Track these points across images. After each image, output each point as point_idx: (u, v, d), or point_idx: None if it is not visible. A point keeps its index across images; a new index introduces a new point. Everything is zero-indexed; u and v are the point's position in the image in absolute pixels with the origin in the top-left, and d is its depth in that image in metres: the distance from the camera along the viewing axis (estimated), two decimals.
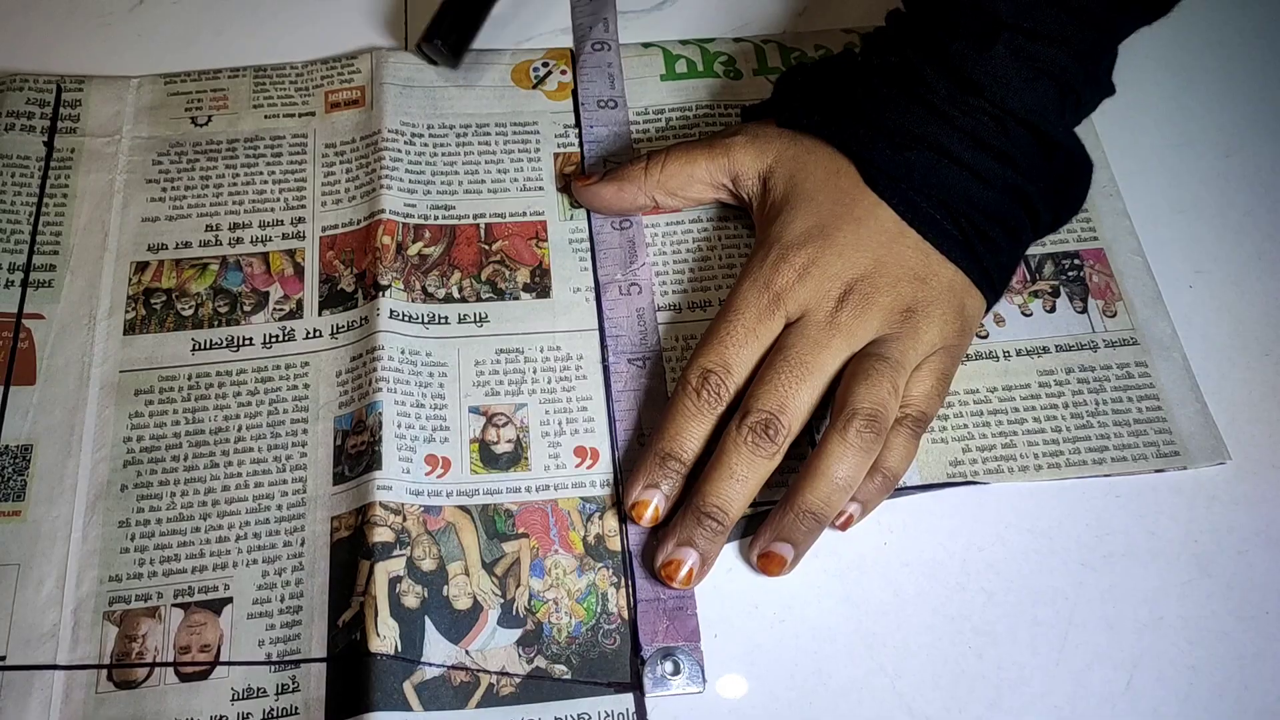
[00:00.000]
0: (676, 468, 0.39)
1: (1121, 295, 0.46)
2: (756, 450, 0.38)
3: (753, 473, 0.38)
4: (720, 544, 0.39)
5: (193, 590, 0.39)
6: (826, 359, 0.39)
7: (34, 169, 0.47)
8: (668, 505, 0.40)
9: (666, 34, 0.53)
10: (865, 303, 0.39)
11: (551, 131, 0.50)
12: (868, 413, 0.38)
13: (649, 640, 0.39)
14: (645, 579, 0.40)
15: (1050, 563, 0.40)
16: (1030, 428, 0.43)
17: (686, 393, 0.40)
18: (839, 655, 0.39)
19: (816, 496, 0.38)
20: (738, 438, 0.38)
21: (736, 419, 0.39)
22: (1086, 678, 0.38)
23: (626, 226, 0.47)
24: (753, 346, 0.40)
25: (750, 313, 0.40)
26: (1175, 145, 0.50)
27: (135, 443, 0.42)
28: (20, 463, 0.41)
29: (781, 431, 0.38)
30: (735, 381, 0.40)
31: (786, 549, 0.39)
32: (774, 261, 0.40)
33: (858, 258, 0.40)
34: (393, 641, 0.38)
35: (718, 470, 0.38)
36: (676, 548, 0.39)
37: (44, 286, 0.45)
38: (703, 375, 0.39)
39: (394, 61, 0.51)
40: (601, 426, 0.43)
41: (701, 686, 0.38)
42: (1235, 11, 0.54)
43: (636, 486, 0.40)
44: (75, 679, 0.38)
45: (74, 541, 0.40)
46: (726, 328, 0.40)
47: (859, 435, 0.38)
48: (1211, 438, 0.43)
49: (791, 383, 0.38)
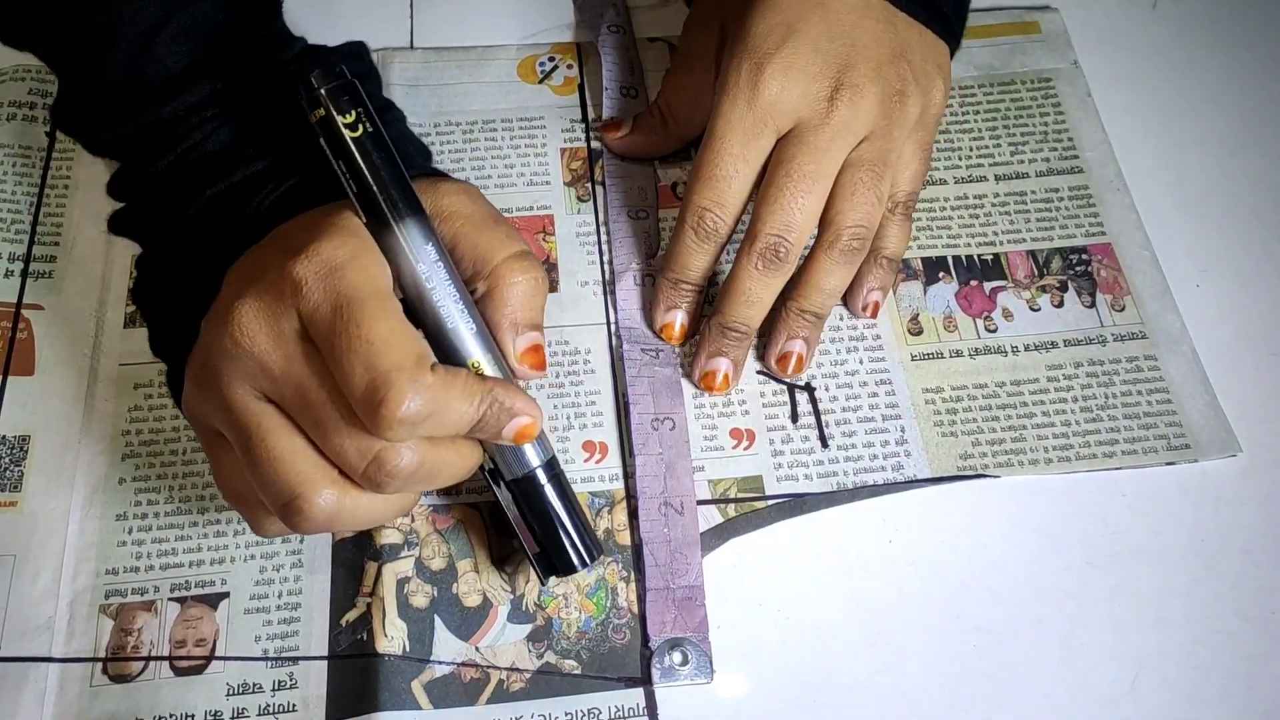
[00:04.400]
0: (689, 290, 0.43)
1: (1130, 289, 0.46)
2: (768, 273, 0.40)
3: (767, 291, 0.40)
4: (747, 347, 0.42)
5: (189, 584, 0.39)
6: (828, 164, 0.39)
7: (36, 159, 0.47)
8: (690, 321, 0.43)
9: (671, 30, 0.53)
10: (857, 95, 0.38)
11: (558, 126, 0.50)
12: (853, 230, 0.39)
13: (657, 631, 0.38)
14: (654, 567, 0.39)
15: (1055, 561, 0.40)
16: (1040, 422, 0.43)
17: (685, 232, 0.41)
18: (843, 653, 0.39)
19: (811, 302, 0.41)
20: (749, 264, 0.40)
21: (746, 244, 0.40)
22: (1091, 677, 0.38)
23: (643, 216, 0.47)
24: (744, 173, 0.39)
25: (736, 136, 0.39)
26: (1181, 144, 0.50)
27: (134, 436, 0.41)
28: (18, 453, 0.41)
29: (791, 250, 0.39)
30: (732, 212, 0.40)
31: (799, 345, 0.42)
32: (749, 74, 0.38)
33: (834, 47, 0.39)
34: (400, 642, 0.38)
35: (734, 294, 0.41)
36: (709, 359, 0.42)
37: (44, 277, 0.44)
38: (699, 215, 0.40)
39: (400, 61, 0.51)
40: (610, 420, 0.43)
41: (709, 678, 0.38)
42: (1242, 10, 0.55)
43: (660, 310, 0.43)
44: (70, 671, 0.37)
45: (71, 534, 0.40)
46: (714, 158, 0.39)
47: (844, 253, 0.40)
48: (1222, 430, 0.43)
49: (797, 197, 0.38)
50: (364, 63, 0.44)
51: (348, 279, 0.31)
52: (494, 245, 0.34)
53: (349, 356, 0.30)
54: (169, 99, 0.39)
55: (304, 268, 0.31)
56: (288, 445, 0.32)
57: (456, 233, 0.34)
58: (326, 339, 0.30)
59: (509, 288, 0.34)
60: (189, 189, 0.38)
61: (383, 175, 0.32)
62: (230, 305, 0.32)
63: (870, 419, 0.43)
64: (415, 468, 0.31)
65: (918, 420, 0.43)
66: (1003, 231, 0.47)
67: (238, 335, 0.31)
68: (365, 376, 0.30)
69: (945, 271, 0.46)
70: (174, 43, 0.39)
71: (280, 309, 0.31)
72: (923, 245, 0.47)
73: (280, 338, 0.31)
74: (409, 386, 0.30)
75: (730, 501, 0.41)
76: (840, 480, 0.41)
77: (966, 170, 0.49)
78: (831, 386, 0.44)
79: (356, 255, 0.31)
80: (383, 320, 0.30)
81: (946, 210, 0.48)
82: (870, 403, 0.43)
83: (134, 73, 0.39)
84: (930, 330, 0.45)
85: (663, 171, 0.48)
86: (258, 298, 0.31)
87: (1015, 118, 0.50)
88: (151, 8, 0.39)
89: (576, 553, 0.36)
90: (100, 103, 0.40)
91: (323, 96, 0.32)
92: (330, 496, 0.32)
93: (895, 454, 0.42)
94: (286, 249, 0.32)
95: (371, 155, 0.32)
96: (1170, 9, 0.55)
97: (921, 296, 0.46)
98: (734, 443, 0.42)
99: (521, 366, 0.35)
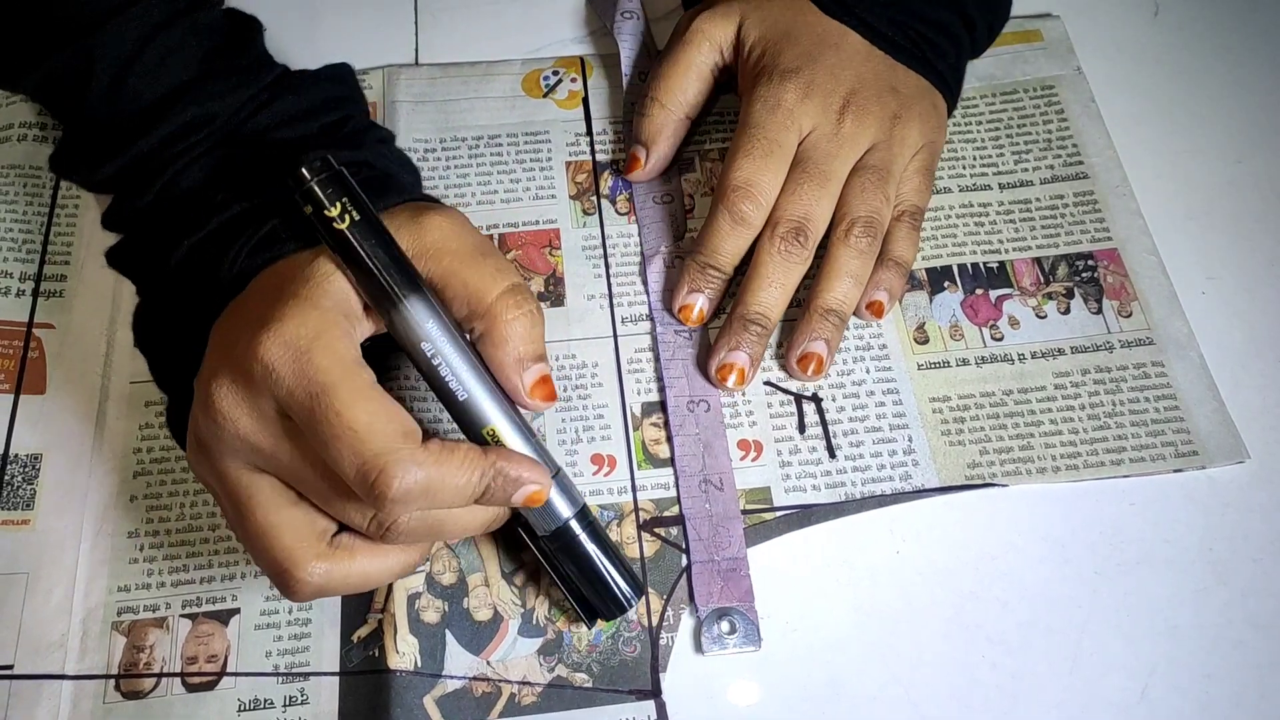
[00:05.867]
0: (716, 275, 0.44)
1: (1136, 295, 0.46)
2: (789, 256, 0.42)
3: (788, 277, 0.43)
4: (764, 345, 0.43)
5: (200, 601, 0.39)
6: (838, 167, 0.43)
7: (46, 180, 0.47)
8: (710, 307, 0.44)
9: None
10: (862, 113, 0.44)
11: (563, 140, 0.50)
12: (864, 220, 0.43)
13: (704, 602, 0.39)
14: (698, 541, 0.40)
15: (1064, 571, 0.40)
16: (1047, 429, 0.43)
17: (720, 212, 0.43)
18: (852, 665, 0.39)
19: (832, 296, 0.43)
20: (771, 248, 0.43)
21: (768, 231, 0.43)
22: (1101, 687, 0.38)
23: (669, 201, 0.48)
24: (776, 159, 0.43)
25: (768, 128, 0.43)
26: (1186, 150, 0.50)
27: (145, 454, 0.42)
28: (30, 472, 0.41)
29: (810, 236, 0.43)
30: (766, 196, 0.43)
31: (820, 346, 0.43)
32: (777, 86, 0.44)
33: (845, 75, 0.45)
34: (412, 658, 0.38)
35: (757, 279, 0.43)
36: (729, 353, 0.43)
37: (55, 296, 0.45)
38: (736, 192, 0.43)
39: (405, 78, 0.51)
40: (618, 433, 0.43)
41: (758, 645, 0.39)
42: (1247, 18, 0.55)
43: (682, 291, 0.44)
44: (83, 689, 0.38)
45: (83, 551, 0.40)
46: (749, 145, 0.43)
47: (858, 240, 0.43)
48: (1230, 436, 0.42)
49: (813, 190, 0.43)
50: (346, 85, 0.44)
51: (315, 363, 0.31)
52: (485, 282, 0.34)
53: (335, 445, 0.30)
54: (146, 131, 0.39)
55: (270, 351, 0.31)
56: (276, 520, 0.32)
57: (445, 271, 0.34)
58: (308, 426, 0.31)
59: (507, 325, 0.34)
60: (169, 236, 0.39)
61: (376, 262, 0.33)
62: (209, 384, 0.32)
63: (877, 428, 0.43)
64: (420, 525, 0.32)
65: (925, 429, 0.43)
66: (1008, 239, 0.47)
67: (220, 420, 0.32)
68: (354, 463, 0.30)
69: (950, 281, 0.46)
70: (147, 74, 0.40)
71: (255, 391, 0.31)
72: (927, 255, 0.47)
73: (262, 418, 0.32)
74: (399, 468, 0.30)
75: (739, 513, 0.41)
76: (848, 490, 0.42)
77: (970, 179, 0.49)
78: (838, 397, 0.44)
79: (320, 334, 0.31)
80: (360, 404, 0.30)
81: (951, 219, 0.48)
82: (877, 412, 0.43)
83: (113, 106, 0.40)
84: (936, 339, 0.45)
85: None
86: (232, 380, 0.32)
87: (1018, 126, 0.50)
88: (126, 38, 0.40)
89: (616, 599, 0.37)
90: (89, 141, 0.41)
91: (313, 192, 0.33)
92: (319, 569, 0.32)
93: (903, 463, 0.42)
94: (256, 321, 0.32)
95: (363, 243, 0.33)
96: (1172, 15, 0.55)
97: (927, 305, 0.46)
98: (742, 454, 0.42)
99: (534, 401, 0.35)
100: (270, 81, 0.42)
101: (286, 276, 0.34)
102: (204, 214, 0.38)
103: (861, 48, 0.45)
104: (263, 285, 0.35)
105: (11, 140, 0.48)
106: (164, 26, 0.40)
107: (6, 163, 0.47)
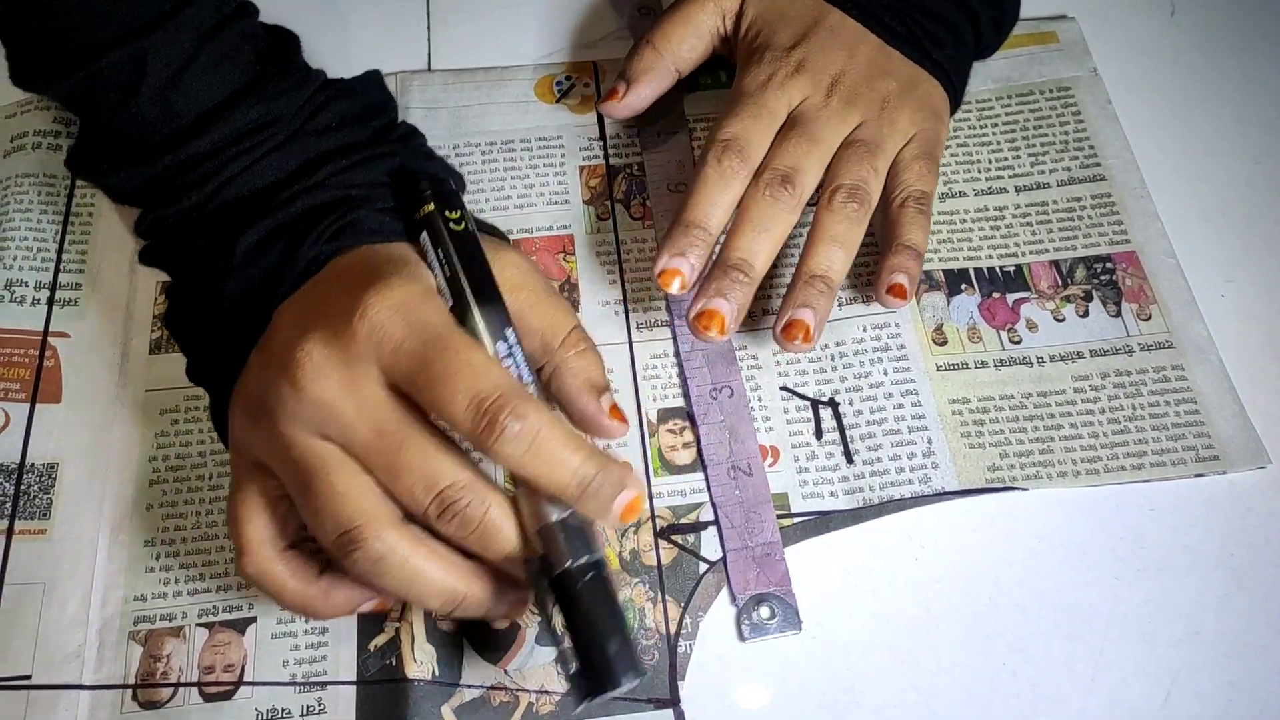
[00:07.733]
0: (701, 235, 0.41)
1: (1155, 297, 0.46)
2: (776, 201, 0.41)
3: (774, 223, 0.41)
4: (749, 294, 0.41)
5: (217, 610, 0.39)
6: (827, 134, 0.43)
7: (60, 188, 0.47)
8: (694, 274, 0.41)
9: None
10: (850, 92, 0.44)
11: (576, 145, 0.50)
12: (849, 187, 0.42)
13: (741, 589, 0.39)
14: (730, 529, 0.40)
15: (1084, 577, 0.40)
16: (1067, 433, 0.42)
17: (708, 162, 0.42)
18: (871, 672, 0.38)
19: (816, 261, 0.41)
20: (756, 192, 0.42)
21: (755, 179, 0.42)
22: (1123, 694, 0.38)
23: (682, 189, 0.48)
24: (765, 120, 0.43)
25: (759, 93, 0.44)
26: (1203, 151, 0.50)
27: (160, 462, 0.42)
28: (46, 481, 0.41)
29: (797, 184, 0.42)
30: (753, 151, 0.42)
31: (807, 313, 0.41)
32: (771, 60, 0.45)
33: (837, 56, 0.45)
34: (430, 666, 0.38)
35: (741, 224, 0.41)
36: (709, 300, 0.40)
37: (70, 305, 0.45)
38: (723, 145, 0.42)
39: (418, 84, 0.51)
40: (633, 439, 0.42)
41: (798, 629, 0.39)
42: (1264, 18, 0.54)
43: (664, 255, 0.41)
44: (100, 699, 0.38)
45: (99, 561, 0.40)
46: (737, 108, 0.43)
47: (843, 205, 0.42)
48: (1251, 440, 0.42)
49: (802, 147, 0.42)
50: (384, 91, 0.44)
51: (426, 317, 0.33)
52: (559, 319, 0.37)
53: (450, 380, 0.31)
54: (203, 132, 0.39)
55: (378, 309, 0.32)
56: (352, 483, 0.32)
57: (524, 304, 0.37)
58: (421, 368, 0.31)
59: (579, 356, 0.37)
60: (235, 225, 0.39)
61: (472, 266, 0.36)
62: (293, 350, 0.32)
63: (896, 430, 0.43)
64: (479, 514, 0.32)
65: (945, 431, 0.43)
66: (1024, 242, 0.47)
67: (304, 382, 0.32)
68: (470, 392, 0.31)
69: (967, 283, 0.46)
70: (205, 75, 0.40)
71: (351, 354, 0.32)
72: (944, 258, 0.47)
73: (352, 384, 0.32)
74: (521, 403, 0.31)
75: None
76: (866, 496, 0.41)
77: (986, 183, 0.49)
78: (856, 400, 0.43)
79: (428, 297, 0.33)
80: (477, 349, 0.32)
81: (967, 223, 0.48)
82: (896, 414, 0.43)
83: (165, 108, 0.39)
84: (955, 341, 0.45)
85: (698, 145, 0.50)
86: (325, 344, 0.32)
87: (1035, 128, 0.50)
88: (181, 41, 0.39)
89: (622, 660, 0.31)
90: (124, 145, 0.40)
91: (430, 195, 0.37)
92: (390, 537, 0.32)
93: (923, 465, 0.42)
94: (357, 286, 0.33)
95: (466, 248, 0.36)
96: (1188, 16, 0.54)
97: (945, 307, 0.45)
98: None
99: (612, 422, 0.37)
100: (319, 86, 0.42)
101: (376, 259, 0.36)
102: (285, 201, 0.38)
103: (856, 31, 0.46)
104: (348, 264, 0.36)
105: (26, 148, 0.48)
106: (217, 29, 0.40)
107: (21, 171, 0.47)
